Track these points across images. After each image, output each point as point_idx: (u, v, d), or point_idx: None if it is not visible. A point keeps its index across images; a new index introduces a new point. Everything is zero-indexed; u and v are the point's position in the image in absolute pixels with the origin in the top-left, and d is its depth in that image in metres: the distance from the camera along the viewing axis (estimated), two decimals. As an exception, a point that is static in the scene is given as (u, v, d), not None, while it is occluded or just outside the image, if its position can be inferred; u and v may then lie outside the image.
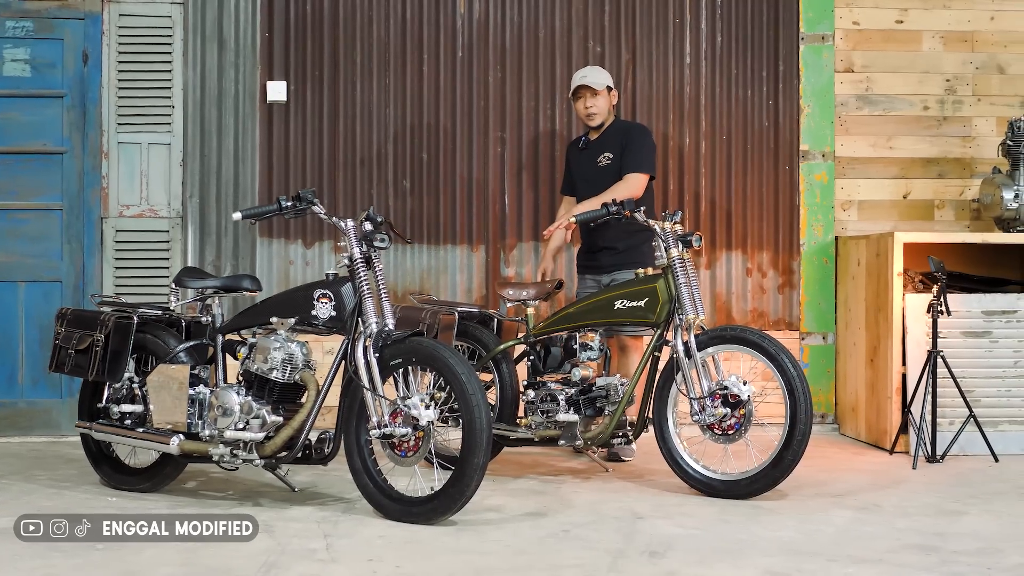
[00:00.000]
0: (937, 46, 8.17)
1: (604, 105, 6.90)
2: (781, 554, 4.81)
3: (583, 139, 7.04)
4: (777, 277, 8.09)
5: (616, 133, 6.92)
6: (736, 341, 5.93)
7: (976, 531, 5.24)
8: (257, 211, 5.68)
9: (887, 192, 8.16)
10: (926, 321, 7.00)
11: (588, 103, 6.89)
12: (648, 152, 6.83)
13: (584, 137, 7.03)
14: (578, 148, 7.06)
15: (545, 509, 5.62)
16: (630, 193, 6.64)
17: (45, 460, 6.90)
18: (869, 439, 7.53)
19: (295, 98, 7.84)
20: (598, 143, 6.93)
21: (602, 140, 6.93)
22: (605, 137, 6.93)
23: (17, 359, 7.64)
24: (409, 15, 7.92)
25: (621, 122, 7.07)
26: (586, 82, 6.88)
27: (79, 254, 7.67)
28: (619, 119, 7.08)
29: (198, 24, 7.74)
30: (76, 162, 7.67)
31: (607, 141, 6.90)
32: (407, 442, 5.35)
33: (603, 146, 6.90)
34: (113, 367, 5.95)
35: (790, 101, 8.09)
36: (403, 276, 7.86)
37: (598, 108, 6.90)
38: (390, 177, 7.88)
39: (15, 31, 7.64)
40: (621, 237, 6.72)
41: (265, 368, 5.63)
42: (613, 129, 6.95)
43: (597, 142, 6.94)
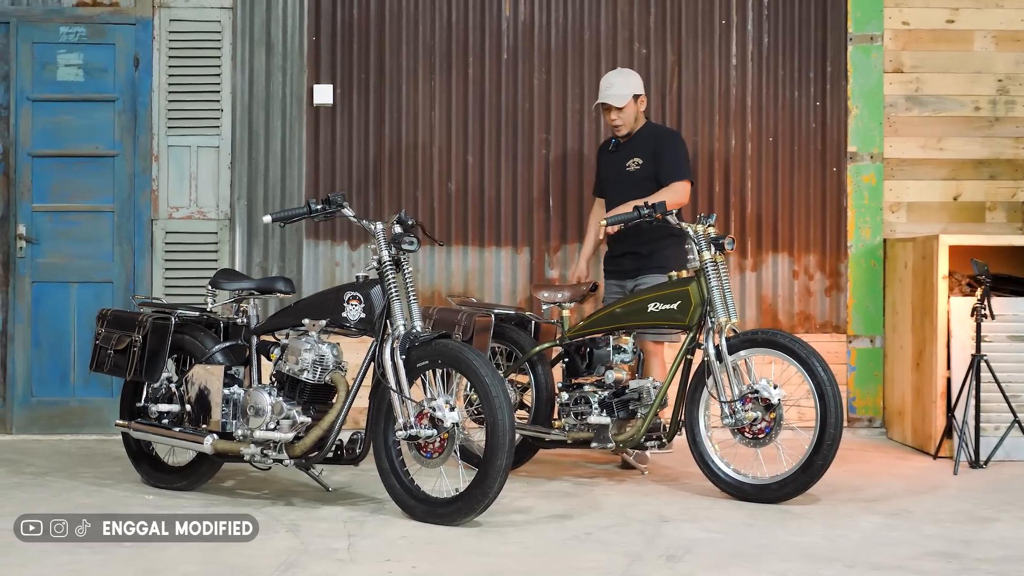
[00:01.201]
0: (989, 46, 8.06)
1: (630, 115, 6.83)
2: (800, 559, 4.78)
3: (613, 141, 7.01)
4: (824, 280, 8.02)
5: (647, 138, 6.87)
6: (766, 344, 5.90)
7: (1004, 538, 5.17)
8: (287, 214, 5.75)
9: (937, 194, 8.06)
10: (971, 325, 6.91)
11: (613, 116, 6.84)
12: (684, 158, 6.81)
13: (614, 140, 7.00)
14: (608, 150, 7.04)
15: (572, 511, 5.63)
16: (678, 200, 6.62)
17: (92, 458, 7.03)
18: (915, 444, 7.45)
19: (341, 101, 7.91)
20: (628, 147, 6.90)
21: (632, 144, 6.89)
22: (635, 141, 6.89)
23: (69, 359, 7.79)
24: (454, 18, 7.96)
25: (652, 126, 7.01)
26: (606, 100, 6.81)
27: (130, 255, 7.81)
28: (650, 122, 7.01)
29: (246, 28, 7.85)
30: (127, 165, 7.81)
31: (637, 145, 6.87)
32: (432, 443, 5.40)
33: (633, 150, 6.87)
34: (151, 367, 6.05)
35: (838, 102, 8.02)
36: (448, 278, 7.91)
37: (623, 120, 6.83)
38: (435, 179, 7.93)
39: (68, 37, 7.79)
40: (645, 242, 6.70)
41: (296, 369, 5.71)
42: (643, 133, 6.90)
43: (627, 146, 6.90)
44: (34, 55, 7.77)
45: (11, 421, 7.76)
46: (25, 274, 7.75)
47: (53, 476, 6.46)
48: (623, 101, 6.79)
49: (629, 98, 6.79)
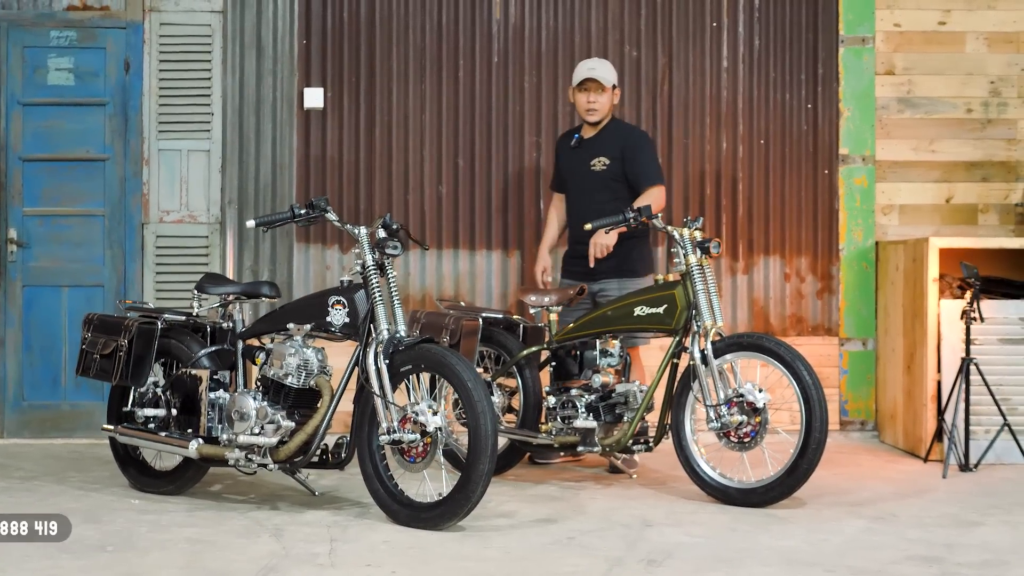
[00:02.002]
0: (981, 48, 8.05)
1: (607, 102, 6.77)
2: (780, 564, 4.77)
3: (576, 136, 6.84)
4: (816, 282, 8.01)
5: (614, 136, 6.77)
6: (752, 348, 5.89)
7: (987, 542, 5.16)
8: (271, 219, 5.76)
9: (929, 196, 8.05)
10: (961, 327, 6.90)
11: (592, 98, 6.71)
12: (657, 161, 6.78)
13: (577, 135, 6.83)
14: (570, 146, 6.85)
15: (557, 516, 5.63)
16: (660, 205, 6.61)
17: (82, 462, 7.03)
18: (906, 447, 7.43)
19: (332, 104, 7.91)
20: (592, 143, 6.75)
21: (597, 141, 6.75)
22: (601, 138, 6.76)
23: (60, 362, 7.79)
24: (445, 21, 7.96)
25: (619, 123, 6.93)
26: (595, 75, 6.69)
27: (120, 259, 7.81)
28: (615, 119, 6.93)
29: (237, 32, 7.85)
30: (118, 169, 7.82)
31: (603, 143, 6.74)
32: (416, 448, 5.39)
33: (598, 148, 6.74)
34: (137, 371, 6.05)
35: (829, 104, 8.01)
36: (439, 281, 7.91)
37: (600, 105, 6.75)
38: (426, 182, 7.93)
39: (59, 41, 7.79)
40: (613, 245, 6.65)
41: (281, 374, 5.71)
42: (610, 130, 6.81)
43: (591, 142, 6.76)
44: (25, 59, 7.77)
45: (2, 425, 7.77)
46: (16, 278, 7.75)
47: (41, 480, 6.46)
48: (608, 83, 6.74)
49: (612, 83, 6.75)
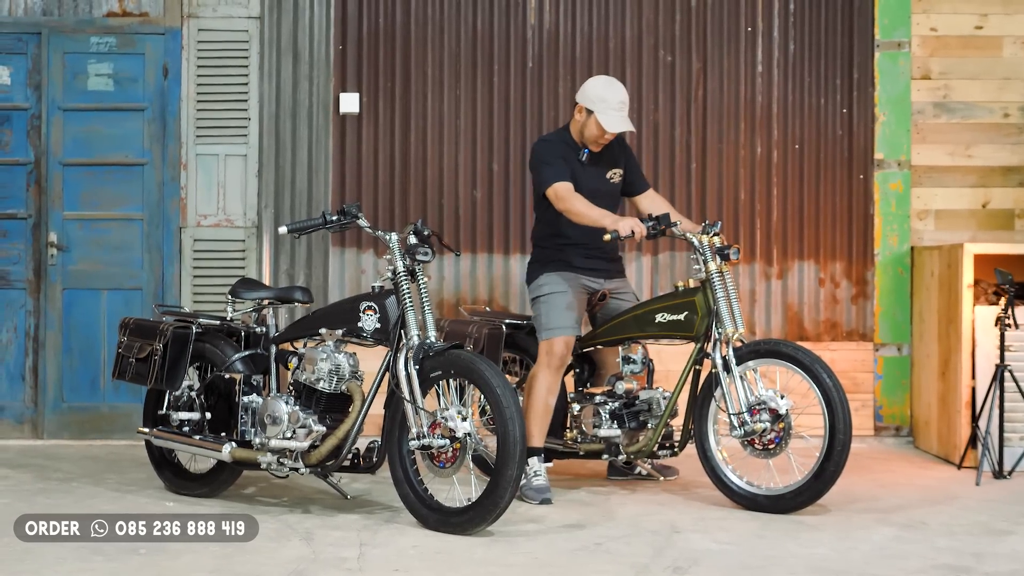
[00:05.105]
0: (1019, 52, 8.00)
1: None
2: (806, 572, 4.78)
3: (585, 151, 6.39)
4: (851, 287, 7.99)
5: (614, 146, 6.49)
6: (770, 355, 5.89)
7: (1017, 552, 5.14)
8: (302, 225, 5.82)
9: (965, 201, 8.01)
10: (995, 334, 6.86)
11: (608, 136, 6.31)
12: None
13: (586, 149, 6.38)
14: (580, 160, 6.39)
15: (586, 521, 5.65)
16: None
17: (120, 463, 7.11)
18: (940, 453, 7.40)
19: (367, 109, 7.96)
20: (602, 157, 6.43)
21: (607, 153, 6.44)
22: (610, 150, 6.46)
23: (99, 365, 7.88)
24: (480, 26, 7.99)
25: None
26: (628, 128, 6.31)
27: (158, 263, 7.90)
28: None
29: (274, 38, 7.92)
30: (156, 173, 7.90)
31: (612, 155, 6.47)
32: (445, 453, 5.43)
33: (610, 160, 6.46)
34: (171, 375, 6.12)
35: (865, 109, 7.99)
36: (473, 286, 7.95)
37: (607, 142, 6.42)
38: (461, 187, 7.97)
39: (99, 47, 7.89)
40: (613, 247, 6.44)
41: (312, 378, 5.76)
42: (613, 142, 6.47)
43: (600, 155, 6.42)
44: (65, 65, 7.87)
45: (43, 426, 7.88)
46: (56, 281, 7.85)
47: (79, 482, 6.55)
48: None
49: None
